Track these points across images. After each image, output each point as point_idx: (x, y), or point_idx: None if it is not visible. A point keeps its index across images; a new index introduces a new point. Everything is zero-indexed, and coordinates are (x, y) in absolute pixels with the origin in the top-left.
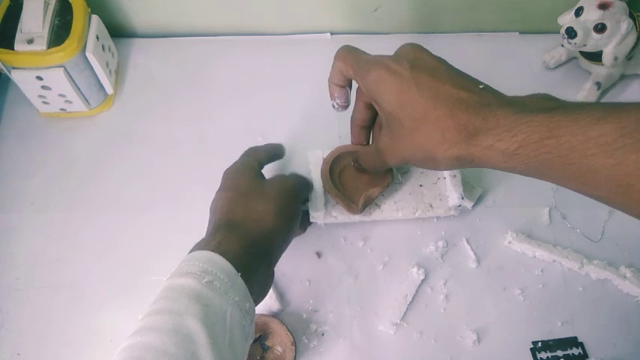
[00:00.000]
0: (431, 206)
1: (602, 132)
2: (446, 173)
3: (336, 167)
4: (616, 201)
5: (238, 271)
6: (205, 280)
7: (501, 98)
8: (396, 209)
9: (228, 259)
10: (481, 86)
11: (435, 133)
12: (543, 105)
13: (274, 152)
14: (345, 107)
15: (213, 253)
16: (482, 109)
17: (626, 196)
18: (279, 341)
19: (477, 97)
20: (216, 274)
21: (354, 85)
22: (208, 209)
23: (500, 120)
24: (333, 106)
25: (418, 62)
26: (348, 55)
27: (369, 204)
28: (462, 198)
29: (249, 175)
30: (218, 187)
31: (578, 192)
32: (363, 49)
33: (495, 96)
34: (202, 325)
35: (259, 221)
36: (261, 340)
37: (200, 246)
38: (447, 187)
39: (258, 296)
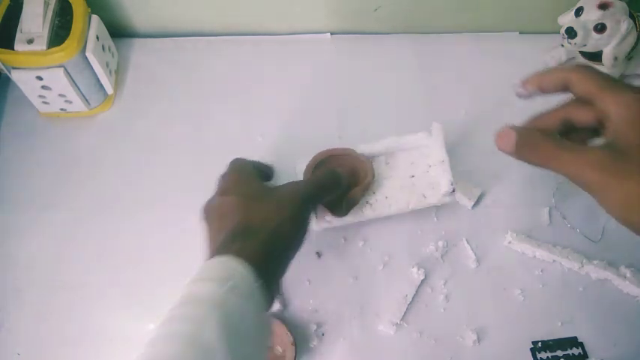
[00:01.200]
0: (424, 196)
1: None
2: (435, 160)
3: (318, 172)
4: None
5: (260, 278)
6: (228, 285)
7: None
8: (388, 205)
9: (251, 265)
10: None
11: None
12: None
13: (263, 170)
14: (525, 98)
15: (235, 259)
16: None
17: None
18: (279, 341)
19: None
20: (238, 279)
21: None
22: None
23: None
24: (517, 92)
25: None
26: (592, 73)
27: (353, 205)
28: (452, 184)
29: (254, 180)
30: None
31: None
32: (362, 49)
33: None
34: (222, 333)
35: (278, 227)
36: None
37: (219, 251)
38: (437, 173)
39: (272, 302)
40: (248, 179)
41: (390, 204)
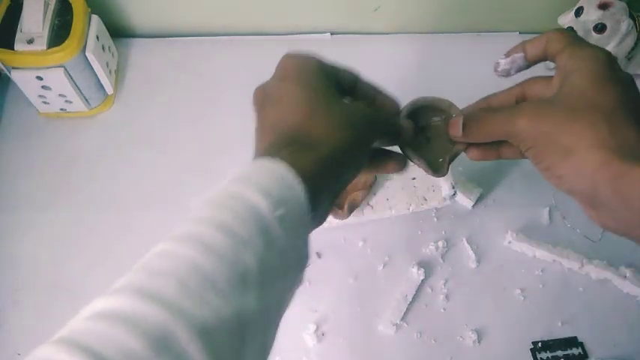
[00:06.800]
0: (425, 199)
1: None
2: None
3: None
4: None
5: (313, 209)
6: (278, 213)
7: None
8: (388, 207)
9: (306, 185)
10: None
11: (603, 125)
12: None
13: (338, 76)
14: (504, 74)
15: (289, 171)
16: None
17: None
18: None
19: None
20: (291, 206)
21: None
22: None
23: None
24: (496, 66)
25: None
26: (567, 33)
27: (355, 208)
28: (453, 187)
29: (323, 78)
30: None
31: None
32: (362, 49)
33: None
34: (259, 266)
35: (343, 148)
36: None
37: (270, 152)
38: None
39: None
40: (316, 74)
41: (391, 206)
